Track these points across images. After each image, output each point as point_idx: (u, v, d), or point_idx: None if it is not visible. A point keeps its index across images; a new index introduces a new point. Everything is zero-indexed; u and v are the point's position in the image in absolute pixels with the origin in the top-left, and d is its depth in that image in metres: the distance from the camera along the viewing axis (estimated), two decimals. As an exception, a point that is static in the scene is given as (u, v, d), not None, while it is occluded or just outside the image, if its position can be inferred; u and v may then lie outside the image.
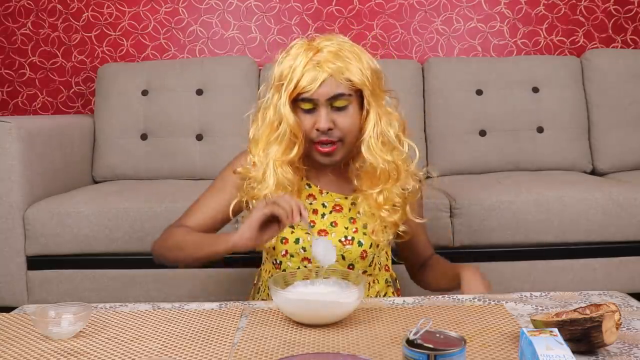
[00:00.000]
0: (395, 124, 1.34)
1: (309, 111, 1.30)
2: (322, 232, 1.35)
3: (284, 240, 1.35)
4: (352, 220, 1.37)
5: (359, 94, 1.32)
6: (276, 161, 1.32)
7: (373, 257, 1.38)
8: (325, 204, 1.38)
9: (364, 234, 1.35)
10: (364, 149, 1.32)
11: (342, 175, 1.40)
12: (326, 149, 1.31)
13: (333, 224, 1.36)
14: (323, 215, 1.37)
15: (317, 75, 1.26)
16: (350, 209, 1.38)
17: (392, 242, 1.45)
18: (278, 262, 1.38)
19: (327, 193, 1.39)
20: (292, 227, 1.34)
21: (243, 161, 1.42)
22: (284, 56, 1.32)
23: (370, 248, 1.36)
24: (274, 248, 1.37)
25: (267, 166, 1.33)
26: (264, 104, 1.37)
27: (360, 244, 1.35)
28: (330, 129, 1.29)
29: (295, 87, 1.28)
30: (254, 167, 1.37)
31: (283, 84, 1.29)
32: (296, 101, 1.30)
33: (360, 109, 1.33)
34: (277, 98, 1.31)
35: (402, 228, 1.39)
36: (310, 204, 1.38)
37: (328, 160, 1.33)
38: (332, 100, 1.29)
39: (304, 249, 1.34)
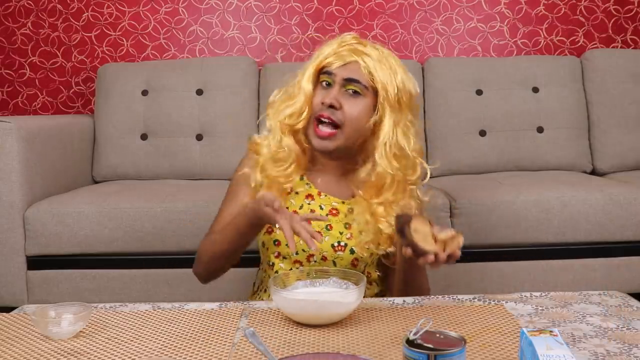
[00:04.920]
0: (411, 141, 1.35)
1: (325, 88, 1.34)
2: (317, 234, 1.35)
3: (276, 242, 1.36)
4: (347, 226, 1.36)
5: (375, 95, 1.33)
6: (282, 122, 1.36)
7: (365, 267, 1.38)
8: (323, 206, 1.38)
9: (358, 242, 1.35)
10: (377, 156, 1.32)
11: (342, 179, 1.40)
12: (325, 130, 1.32)
13: (328, 227, 1.36)
14: None
15: (346, 57, 1.33)
16: (346, 215, 1.37)
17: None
18: (271, 263, 1.38)
19: (326, 196, 1.39)
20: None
21: (247, 162, 1.42)
22: (328, 41, 1.40)
23: (362, 257, 1.35)
24: (266, 248, 1.37)
25: (274, 127, 1.37)
26: (292, 80, 1.41)
27: (352, 251, 1.35)
28: (333, 107, 1.31)
29: (321, 61, 1.34)
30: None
31: (312, 59, 1.37)
32: (319, 75, 1.35)
33: (372, 110, 1.33)
34: (302, 73, 1.38)
35: (391, 249, 1.37)
36: (309, 203, 1.38)
37: (322, 146, 1.33)
38: (347, 82, 1.32)
39: (295, 252, 1.34)
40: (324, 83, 1.35)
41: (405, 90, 1.34)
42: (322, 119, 1.32)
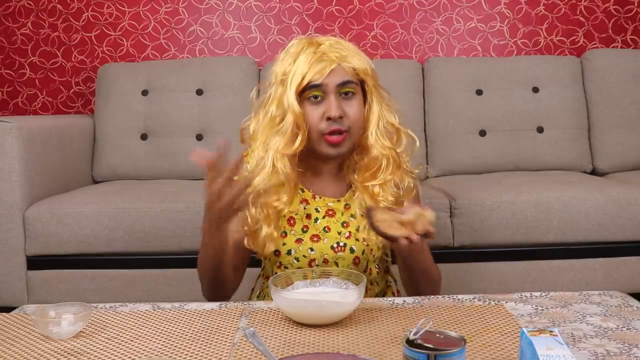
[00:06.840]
0: (395, 114, 1.37)
1: (316, 102, 1.29)
2: (315, 238, 1.35)
3: (277, 253, 1.35)
4: (345, 224, 1.36)
5: (361, 87, 1.34)
6: (277, 153, 1.30)
7: (367, 263, 1.38)
8: (319, 208, 1.37)
9: (357, 239, 1.35)
10: (371, 140, 1.33)
11: (336, 177, 1.40)
12: (336, 138, 1.30)
13: (326, 229, 1.35)
14: (316, 220, 1.36)
15: (325, 64, 1.28)
16: (343, 213, 1.37)
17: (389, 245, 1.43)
18: (273, 273, 1.38)
19: (320, 197, 1.38)
20: (285, 233, 1.34)
21: None
22: (285, 54, 1.34)
23: (362, 254, 1.35)
24: (268, 259, 1.37)
25: (266, 159, 1.31)
26: (265, 100, 1.36)
27: (352, 250, 1.35)
28: (341, 117, 1.29)
29: (303, 78, 1.28)
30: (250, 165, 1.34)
31: (288, 77, 1.30)
32: (303, 92, 1.29)
33: (364, 101, 1.35)
34: (281, 91, 1.31)
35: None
36: (304, 208, 1.37)
37: (335, 152, 1.32)
38: (341, 86, 1.29)
39: (297, 259, 1.34)
40: (312, 97, 1.29)
41: (372, 66, 1.36)
42: (332, 133, 1.29)
